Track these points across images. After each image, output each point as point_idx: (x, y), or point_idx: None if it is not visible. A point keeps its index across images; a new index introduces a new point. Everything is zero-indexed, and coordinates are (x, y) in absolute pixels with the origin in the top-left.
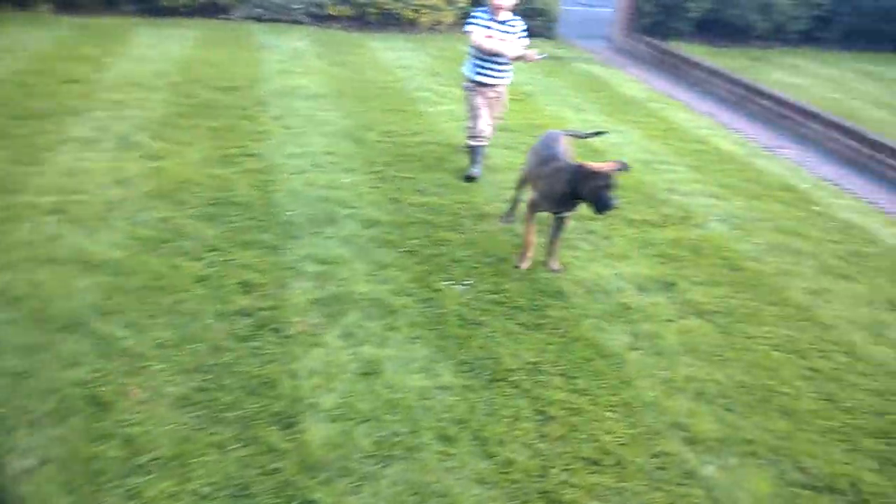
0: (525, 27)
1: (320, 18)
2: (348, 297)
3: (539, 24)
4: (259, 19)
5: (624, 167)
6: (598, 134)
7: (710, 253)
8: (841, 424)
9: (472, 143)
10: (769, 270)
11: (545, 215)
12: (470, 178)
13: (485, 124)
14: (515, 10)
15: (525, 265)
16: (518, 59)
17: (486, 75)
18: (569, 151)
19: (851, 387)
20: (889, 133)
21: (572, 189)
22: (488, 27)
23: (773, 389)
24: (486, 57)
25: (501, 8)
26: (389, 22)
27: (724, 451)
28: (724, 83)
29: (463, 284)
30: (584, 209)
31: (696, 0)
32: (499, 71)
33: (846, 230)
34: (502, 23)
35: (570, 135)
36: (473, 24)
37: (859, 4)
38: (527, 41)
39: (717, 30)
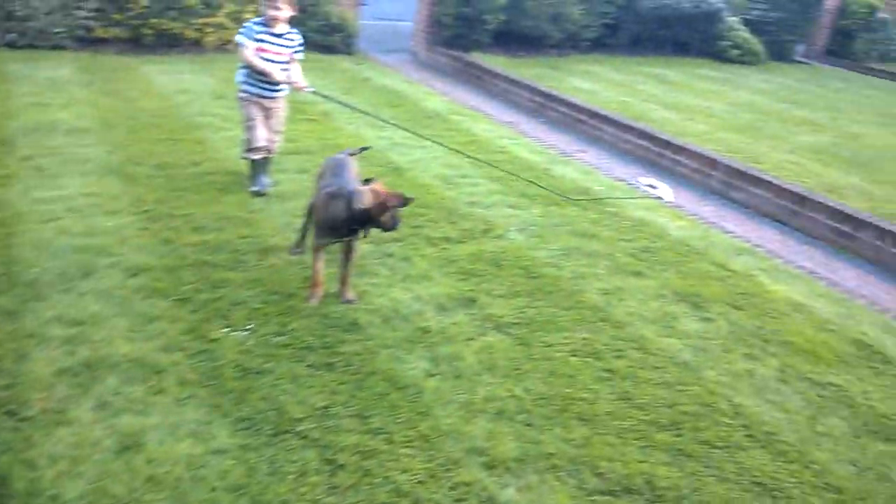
0: (302, 41)
1: (88, 42)
2: (104, 361)
3: (337, 40)
4: (13, 45)
5: (402, 202)
6: (364, 149)
7: (510, 264)
8: (636, 423)
9: (250, 156)
10: (566, 275)
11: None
12: (257, 194)
13: (262, 135)
14: (293, 23)
15: (315, 300)
16: (288, 83)
17: (259, 87)
18: (353, 175)
19: (645, 383)
20: (673, 131)
21: (351, 215)
22: (262, 40)
23: (571, 397)
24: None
25: (278, 20)
26: (170, 43)
27: (524, 469)
28: (523, 92)
29: (244, 330)
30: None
31: (492, 12)
32: (273, 84)
33: (637, 228)
34: (279, 35)
35: (352, 154)
36: (246, 36)
37: (641, 13)
38: (302, 55)
39: (514, 40)
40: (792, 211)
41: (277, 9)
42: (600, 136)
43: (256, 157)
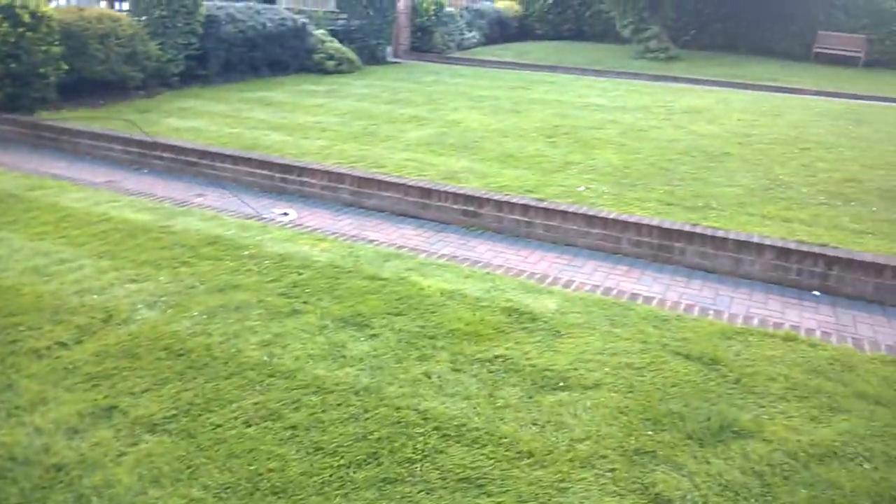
0: None
1: None
2: None
3: None
4: None
5: None
6: None
7: (148, 349)
8: (333, 471)
9: None
10: (216, 340)
11: None
12: None
13: None
14: None
15: None
16: None
17: None
18: None
19: (331, 425)
20: (293, 153)
21: None
22: None
23: (258, 473)
24: None
25: None
26: None
27: None
28: (115, 145)
29: None
30: None
31: (49, 63)
32: None
33: (282, 264)
34: None
35: None
36: None
37: (226, 38)
38: None
39: (89, 90)
40: (422, 205)
41: None
42: (217, 174)
43: None
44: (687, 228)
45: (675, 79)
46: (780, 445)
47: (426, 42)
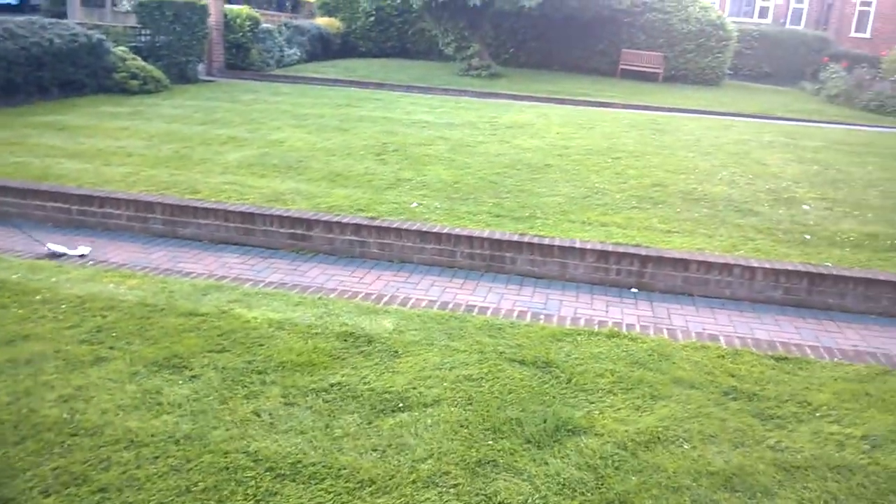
0: None
1: None
2: None
3: None
4: None
5: None
6: None
7: None
8: None
9: None
10: (4, 400)
11: None
12: None
13: None
14: None
15: None
16: None
17: None
18: None
19: (149, 481)
20: (92, 182)
21: None
22: None
23: None
24: None
25: None
26: None
27: None
28: None
29: None
30: None
31: None
32: None
33: (82, 307)
34: None
35: None
36: None
37: (5, 55)
38: None
39: None
40: (246, 230)
41: None
42: (0, 210)
43: None
44: (516, 238)
45: (498, 95)
46: (611, 437)
47: (242, 59)
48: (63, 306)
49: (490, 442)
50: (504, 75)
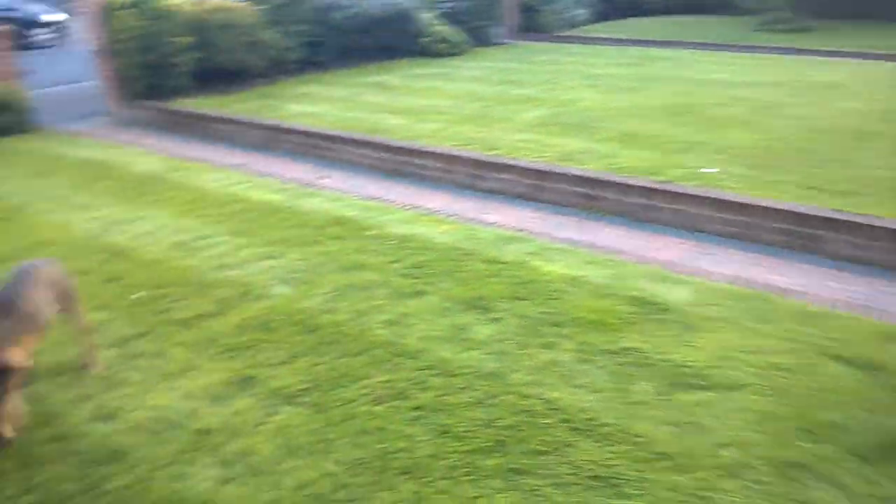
0: None
1: None
2: None
3: (8, 119)
4: None
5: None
6: None
7: (282, 323)
8: (461, 455)
9: None
10: (345, 318)
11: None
12: None
13: None
14: None
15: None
16: None
17: None
18: (38, 289)
19: (458, 408)
20: (409, 135)
21: None
22: None
23: (387, 452)
24: None
25: None
26: None
27: None
28: (245, 129)
29: None
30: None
31: (181, 53)
32: None
33: (403, 245)
34: None
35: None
36: None
37: (339, 25)
38: None
39: (216, 78)
40: (539, 187)
41: None
42: (339, 157)
43: None
44: (831, 215)
45: (802, 51)
46: None
47: (534, 21)
48: (389, 243)
49: (803, 443)
50: (811, 28)
